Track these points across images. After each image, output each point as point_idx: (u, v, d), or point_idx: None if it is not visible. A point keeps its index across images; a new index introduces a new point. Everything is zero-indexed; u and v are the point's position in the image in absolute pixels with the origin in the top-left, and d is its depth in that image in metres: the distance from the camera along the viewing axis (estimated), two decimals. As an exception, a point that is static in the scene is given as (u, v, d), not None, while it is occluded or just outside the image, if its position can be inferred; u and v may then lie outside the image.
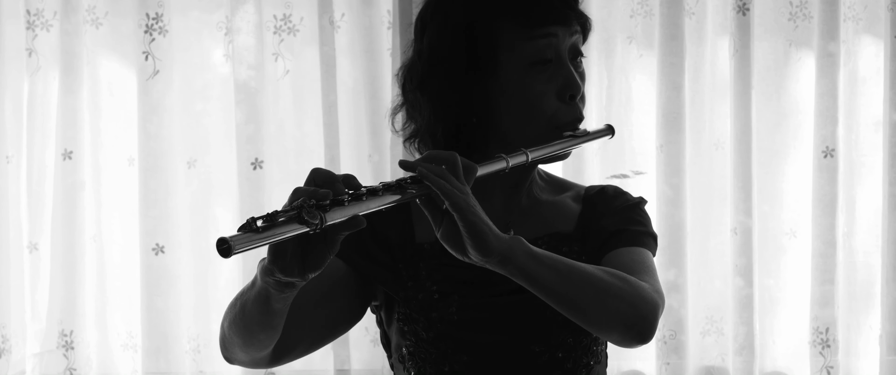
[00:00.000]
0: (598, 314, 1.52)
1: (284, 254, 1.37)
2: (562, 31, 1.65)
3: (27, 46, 3.25)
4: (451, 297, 1.66)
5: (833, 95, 3.23)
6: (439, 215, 1.47)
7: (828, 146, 3.24)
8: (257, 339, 1.54)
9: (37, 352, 3.31)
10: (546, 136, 1.65)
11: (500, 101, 1.65)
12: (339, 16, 3.25)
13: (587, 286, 1.52)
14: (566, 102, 1.66)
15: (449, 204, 1.43)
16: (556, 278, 1.50)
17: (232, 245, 1.27)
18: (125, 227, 3.30)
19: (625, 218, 1.73)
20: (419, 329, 1.67)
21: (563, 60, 1.66)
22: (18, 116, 3.27)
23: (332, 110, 3.22)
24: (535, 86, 1.65)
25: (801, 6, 3.27)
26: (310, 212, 1.32)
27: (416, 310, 1.67)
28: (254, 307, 1.49)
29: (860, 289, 3.31)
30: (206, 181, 3.30)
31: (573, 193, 1.78)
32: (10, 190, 3.26)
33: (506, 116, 1.66)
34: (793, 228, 3.31)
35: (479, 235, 1.44)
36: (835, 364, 3.27)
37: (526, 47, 1.64)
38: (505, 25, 1.64)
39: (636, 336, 1.55)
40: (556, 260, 1.51)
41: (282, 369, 3.27)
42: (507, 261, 1.47)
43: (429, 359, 1.68)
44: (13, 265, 3.27)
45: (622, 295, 1.53)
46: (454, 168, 1.46)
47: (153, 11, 3.21)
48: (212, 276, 3.30)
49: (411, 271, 1.68)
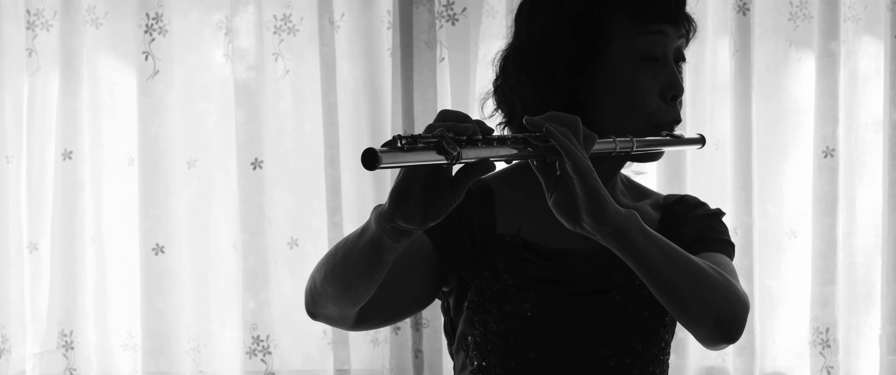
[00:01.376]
0: (696, 304, 1.51)
1: (409, 198, 1.34)
2: (672, 30, 1.67)
3: (27, 46, 3.25)
4: (527, 292, 1.65)
5: (833, 95, 3.23)
6: (553, 181, 1.45)
7: (828, 146, 3.24)
8: (356, 291, 1.51)
9: (37, 352, 3.31)
10: (645, 133, 1.64)
11: (603, 93, 1.65)
12: (339, 16, 3.25)
13: (691, 274, 1.50)
14: (668, 103, 1.67)
15: (571, 166, 1.41)
16: (663, 260, 1.48)
17: (380, 158, 1.23)
18: (125, 227, 3.30)
19: (705, 226, 1.73)
20: (490, 321, 1.66)
21: (669, 60, 1.67)
22: (18, 116, 3.27)
23: (332, 111, 3.22)
24: (641, 81, 1.65)
25: (801, 6, 3.27)
26: (449, 143, 1.29)
27: (489, 301, 1.65)
28: (361, 256, 1.45)
29: (860, 289, 3.31)
30: (206, 181, 3.30)
31: (652, 200, 1.78)
32: (10, 190, 3.26)
33: (607, 110, 1.65)
34: (793, 228, 3.31)
35: (598, 200, 1.42)
36: (835, 364, 3.27)
37: (637, 42, 1.64)
38: (619, 17, 1.64)
39: (725, 334, 1.53)
40: (666, 243, 1.50)
41: (282, 369, 3.27)
42: (621, 233, 1.45)
43: (495, 352, 1.66)
44: (13, 265, 3.27)
45: (720, 290, 1.52)
46: (577, 132, 1.45)
47: (153, 12, 3.21)
48: (212, 276, 3.30)
49: (489, 261, 1.66)
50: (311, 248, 3.30)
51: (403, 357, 3.24)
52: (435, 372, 3.23)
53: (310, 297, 1.58)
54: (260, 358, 3.26)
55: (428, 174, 1.34)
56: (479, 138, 1.34)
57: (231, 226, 3.28)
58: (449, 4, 3.21)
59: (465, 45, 3.24)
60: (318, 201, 3.26)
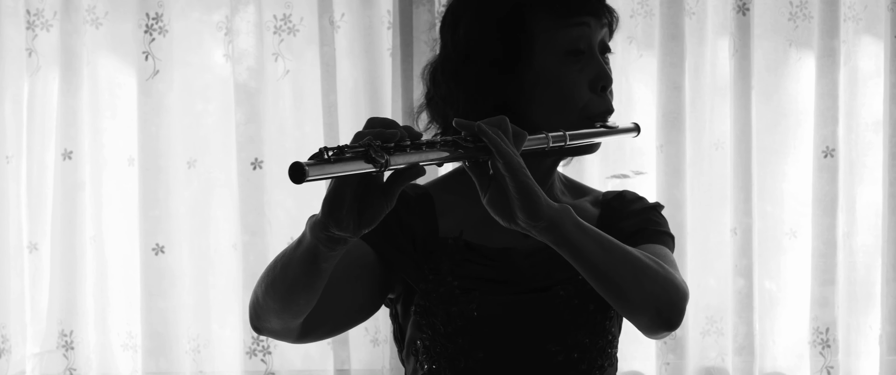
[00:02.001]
0: (634, 293, 1.53)
1: (342, 205, 1.37)
2: (594, 22, 1.68)
3: (27, 46, 3.25)
4: (472, 293, 1.66)
5: (833, 95, 3.23)
6: (486, 180, 1.47)
7: (828, 146, 3.24)
8: (296, 303, 1.52)
9: (37, 352, 3.31)
10: (577, 126, 1.65)
11: (533, 91, 1.67)
12: (339, 16, 3.25)
13: (628, 264, 1.52)
14: (598, 94, 1.68)
15: (502, 164, 1.43)
16: (599, 251, 1.50)
17: (307, 171, 1.25)
18: (125, 227, 3.30)
19: (643, 219, 1.74)
20: (437, 323, 1.67)
21: (594, 51, 1.68)
22: (18, 116, 3.27)
23: (332, 111, 3.22)
24: (569, 76, 1.66)
25: (801, 6, 3.27)
26: (377, 151, 1.30)
27: (435, 304, 1.66)
28: (299, 267, 1.46)
29: (860, 289, 3.31)
30: (206, 181, 3.30)
31: (592, 197, 1.79)
32: (10, 190, 3.26)
33: (538, 107, 1.67)
34: (793, 228, 3.31)
35: (530, 197, 1.44)
36: (835, 364, 3.27)
37: (560, 36, 1.66)
38: (539, 15, 1.66)
39: (665, 322, 1.56)
40: (601, 235, 1.51)
41: (282, 369, 3.27)
42: (555, 228, 1.47)
43: (444, 354, 1.67)
44: (13, 265, 3.27)
45: (657, 279, 1.55)
46: (506, 131, 1.47)
47: (153, 12, 3.21)
48: (212, 276, 3.30)
49: (433, 264, 1.68)
50: (311, 248, 3.29)
51: (403, 357, 3.24)
52: (435, 372, 3.23)
53: (253, 311, 1.58)
54: (260, 358, 3.26)
55: (359, 182, 1.36)
56: (407, 144, 1.35)
57: (231, 226, 3.28)
58: (449, 4, 3.21)
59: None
60: (318, 201, 3.22)
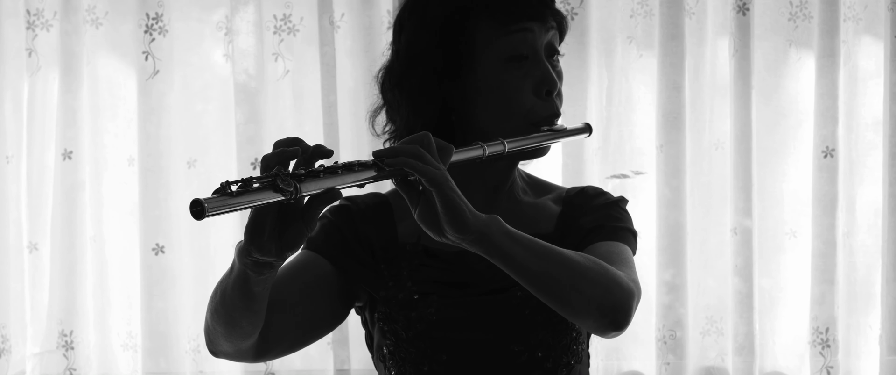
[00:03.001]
0: (573, 298, 1.51)
1: (261, 232, 1.38)
2: (537, 26, 1.66)
3: (27, 46, 3.25)
4: (431, 297, 1.67)
5: (833, 95, 3.23)
6: (416, 195, 1.47)
7: (828, 146, 3.24)
8: (239, 327, 1.54)
9: (37, 352, 3.31)
10: (523, 132, 1.65)
11: (477, 98, 1.66)
12: (339, 16, 3.25)
13: (563, 269, 1.51)
14: (542, 98, 1.67)
15: (425, 180, 1.43)
16: (532, 258, 1.49)
17: (206, 208, 1.26)
18: (125, 227, 3.30)
19: (603, 215, 1.72)
20: (399, 329, 1.68)
21: (538, 56, 1.67)
22: (18, 116, 3.27)
23: (332, 110, 3.22)
24: (512, 82, 1.66)
25: (801, 6, 3.27)
26: (284, 180, 1.30)
27: (395, 310, 1.68)
28: (234, 293, 1.49)
29: (860, 289, 3.31)
30: (206, 181, 3.29)
31: (554, 195, 1.78)
32: (10, 190, 3.26)
33: (483, 113, 1.66)
34: (793, 228, 3.31)
35: (455, 210, 1.44)
36: (835, 364, 3.27)
37: (501, 43, 1.65)
38: (480, 22, 1.65)
39: (610, 323, 1.53)
40: (533, 242, 1.50)
41: (282, 369, 3.27)
42: (484, 238, 1.46)
43: (408, 359, 1.68)
44: (13, 265, 3.27)
45: (598, 281, 1.52)
46: (428, 147, 1.46)
47: (153, 11, 3.21)
48: (212, 276, 3.30)
49: (393, 270, 1.69)
50: (311, 248, 3.30)
51: (403, 357, 3.24)
52: (435, 372, 3.23)
53: (206, 336, 1.61)
54: (260, 358, 3.25)
55: (277, 208, 1.36)
56: (320, 170, 1.35)
57: (231, 226, 3.28)
58: (449, 4, 3.21)
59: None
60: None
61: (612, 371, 3.31)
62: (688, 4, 3.23)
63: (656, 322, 3.25)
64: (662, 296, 3.24)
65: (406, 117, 1.68)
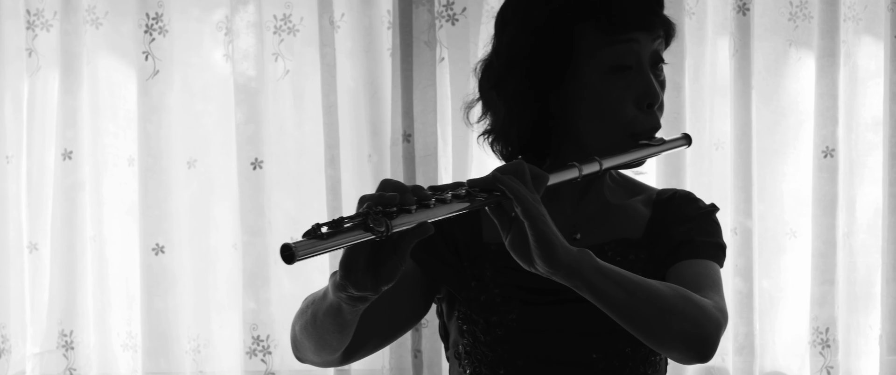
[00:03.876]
0: (661, 332, 1.51)
1: (356, 268, 1.36)
2: (644, 36, 1.64)
3: (27, 46, 3.25)
4: (513, 302, 1.65)
5: (833, 95, 3.23)
6: (507, 222, 1.45)
7: (828, 146, 3.24)
8: (329, 345, 1.54)
9: (37, 352, 3.31)
10: (621, 143, 1.63)
11: (577, 105, 1.63)
12: (339, 16, 3.25)
13: (652, 305, 1.49)
14: (643, 111, 1.64)
15: (520, 211, 1.41)
16: (621, 294, 1.47)
17: (296, 252, 1.24)
18: (125, 227, 3.30)
19: (694, 227, 1.69)
20: (478, 331, 1.66)
21: (642, 67, 1.64)
22: (18, 116, 3.27)
23: (332, 110, 3.22)
24: (614, 92, 1.63)
25: (801, 6, 3.26)
26: (375, 219, 1.30)
27: (476, 312, 1.66)
28: (326, 319, 1.48)
29: (860, 289, 3.31)
30: (206, 181, 3.30)
31: (644, 196, 1.75)
32: (10, 190, 3.27)
33: (582, 121, 1.64)
34: (793, 228, 3.31)
35: (549, 245, 1.42)
36: (835, 364, 3.27)
37: (606, 53, 1.62)
38: (586, 30, 1.62)
39: (696, 355, 1.53)
40: (623, 276, 1.49)
41: (282, 369, 3.27)
42: (575, 274, 1.45)
43: (484, 361, 1.67)
44: (13, 265, 3.28)
45: (685, 315, 1.51)
46: (523, 177, 1.45)
47: (153, 11, 3.21)
48: (212, 276, 3.30)
49: (476, 271, 1.67)
50: (311, 248, 3.29)
51: (403, 357, 3.24)
52: (434, 372, 3.24)
53: (293, 345, 1.61)
54: (260, 358, 3.26)
55: (371, 244, 1.34)
56: (411, 207, 1.34)
57: (231, 226, 3.28)
58: (449, 4, 3.21)
59: (465, 45, 3.24)
60: (318, 201, 3.26)
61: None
62: (688, 4, 3.23)
63: (656, 322, 3.24)
64: (662, 296, 3.24)
65: (502, 119, 1.66)
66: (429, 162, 3.21)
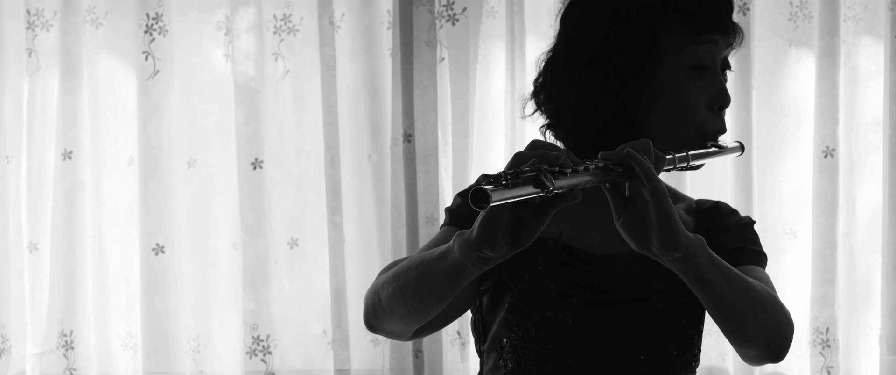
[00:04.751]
0: (751, 328, 1.52)
1: (498, 228, 1.35)
2: (722, 39, 1.67)
3: (27, 46, 3.25)
4: (570, 299, 1.65)
5: (833, 95, 3.23)
6: (621, 202, 1.44)
7: (828, 146, 3.24)
8: (427, 311, 1.52)
9: (37, 352, 3.31)
10: (691, 142, 1.64)
11: (654, 102, 1.64)
12: (339, 16, 3.25)
13: (749, 299, 1.51)
14: (715, 112, 1.67)
15: (649, 190, 1.41)
16: (725, 285, 1.48)
17: (491, 195, 1.25)
18: (125, 227, 3.30)
19: (742, 237, 1.72)
20: (530, 325, 1.65)
21: (717, 70, 1.67)
22: (18, 116, 3.27)
23: (332, 110, 3.22)
24: (691, 91, 1.65)
25: (801, 6, 3.27)
26: (546, 176, 1.30)
27: (530, 306, 1.65)
28: (440, 280, 1.45)
29: (860, 289, 3.31)
30: (206, 181, 3.30)
31: (685, 205, 1.77)
32: (10, 190, 3.27)
33: (656, 118, 1.65)
34: (793, 228, 3.31)
35: (671, 226, 1.42)
36: (835, 364, 3.27)
37: (689, 51, 1.64)
38: (671, 26, 1.64)
39: (772, 356, 1.55)
40: (728, 268, 1.49)
41: (282, 369, 3.27)
42: (688, 259, 1.45)
43: (532, 356, 1.66)
44: (13, 265, 3.28)
45: (773, 313, 1.53)
46: (650, 155, 1.45)
47: (153, 11, 3.21)
48: (212, 276, 3.30)
49: (530, 264, 1.66)
50: (311, 248, 3.30)
51: (403, 356, 3.24)
52: (435, 372, 3.23)
53: (372, 311, 1.58)
54: (260, 358, 3.26)
55: (516, 205, 1.34)
56: (568, 170, 1.35)
57: (231, 226, 3.28)
58: (449, 4, 3.21)
59: (465, 45, 3.24)
60: (318, 201, 3.26)
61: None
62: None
63: (656, 322, 3.25)
64: (662, 296, 3.24)
65: (581, 112, 1.65)
66: (429, 162, 3.21)
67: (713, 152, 1.66)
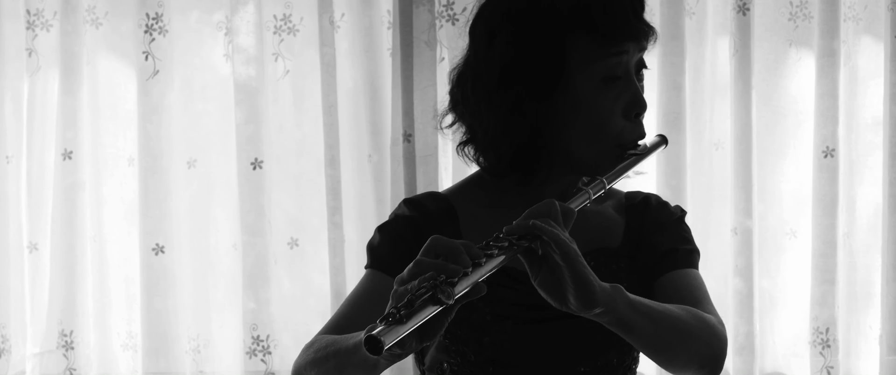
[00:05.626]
0: (682, 357, 1.54)
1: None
2: (633, 46, 1.64)
3: (27, 46, 3.25)
4: (506, 321, 1.65)
5: (833, 95, 3.23)
6: (536, 263, 1.44)
7: (828, 146, 3.24)
8: None
9: (37, 352, 3.31)
10: (610, 153, 1.63)
11: (568, 118, 1.63)
12: (339, 16, 3.25)
13: (675, 331, 1.52)
14: (631, 121, 1.65)
15: (560, 255, 1.41)
16: (650, 326, 1.49)
17: (383, 342, 1.27)
18: (125, 227, 3.30)
19: (675, 236, 1.72)
20: (468, 351, 1.66)
21: (631, 78, 1.64)
22: (18, 116, 3.27)
23: (332, 111, 3.22)
24: (605, 104, 1.63)
25: (801, 6, 3.26)
26: (444, 291, 1.32)
27: (466, 331, 1.65)
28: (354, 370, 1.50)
29: (860, 289, 3.31)
30: (206, 181, 3.30)
31: (614, 201, 1.76)
32: (10, 190, 3.27)
33: (572, 134, 1.63)
34: (793, 228, 3.31)
35: (587, 287, 1.42)
36: (835, 364, 3.27)
37: (599, 64, 1.62)
38: (579, 41, 1.61)
39: (708, 373, 1.57)
40: (650, 308, 1.50)
41: (282, 369, 3.27)
42: (609, 312, 1.45)
43: None
44: (13, 265, 3.27)
45: (701, 336, 1.55)
46: (556, 218, 1.44)
47: (153, 11, 3.21)
48: (212, 276, 3.30)
49: None
50: (310, 248, 3.30)
51: (403, 356, 3.24)
52: (435, 372, 3.23)
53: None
54: (260, 358, 3.26)
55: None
56: (468, 270, 1.35)
57: (231, 226, 3.28)
58: (449, 4, 3.21)
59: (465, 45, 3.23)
60: (318, 201, 3.26)
61: (612, 371, 3.31)
62: (688, 4, 3.23)
63: (656, 322, 3.24)
64: (662, 296, 3.24)
65: (493, 135, 1.64)
66: (429, 162, 3.21)
67: (633, 161, 1.64)
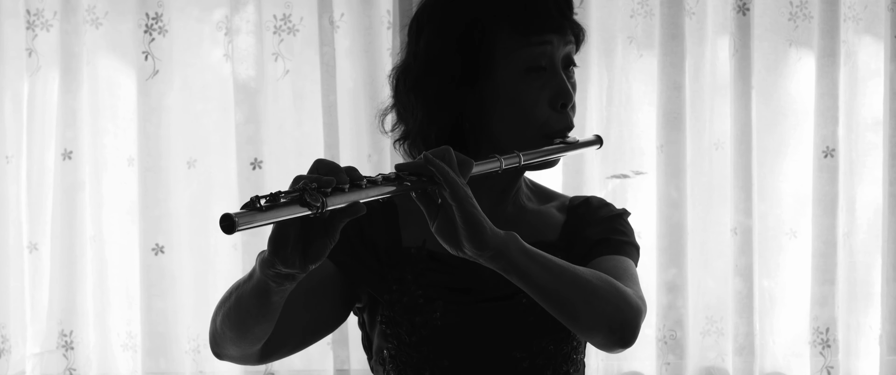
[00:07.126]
0: (585, 315, 1.53)
1: (286, 244, 1.38)
2: (557, 39, 1.67)
3: (27, 46, 3.26)
4: (436, 303, 1.67)
5: (833, 95, 3.23)
6: (434, 209, 1.47)
7: (828, 146, 3.24)
8: (252, 333, 1.55)
9: (37, 352, 3.31)
10: (537, 143, 1.66)
11: (492, 107, 1.66)
12: (339, 16, 3.25)
13: (576, 287, 1.52)
14: (557, 111, 1.68)
15: (449, 193, 1.44)
16: (547, 276, 1.50)
17: (236, 222, 1.27)
18: (125, 227, 3.30)
19: (608, 228, 1.74)
20: (402, 333, 1.68)
21: (556, 69, 1.68)
22: (18, 116, 3.27)
23: (332, 110, 3.22)
24: (529, 93, 1.66)
25: (801, 6, 3.27)
26: (312, 195, 1.32)
27: (399, 314, 1.68)
28: (251, 300, 1.49)
29: (860, 289, 3.31)
30: (206, 181, 3.30)
31: (558, 203, 1.79)
32: (10, 190, 3.27)
33: (498, 123, 1.67)
34: (793, 228, 3.31)
35: (476, 226, 1.45)
36: (835, 364, 3.27)
37: (521, 54, 1.65)
38: (500, 32, 1.65)
39: (618, 340, 1.56)
40: (548, 259, 1.52)
41: (282, 369, 3.27)
42: (501, 256, 1.47)
43: (410, 363, 1.68)
44: (13, 265, 3.28)
45: (609, 298, 1.54)
46: (450, 162, 1.47)
47: (153, 11, 3.21)
48: (212, 276, 3.30)
49: (397, 274, 1.69)
50: (310, 248, 3.30)
51: (403, 357, 3.24)
52: (435, 372, 3.23)
53: (212, 339, 1.62)
54: (260, 358, 3.25)
55: (301, 222, 1.36)
56: (344, 186, 1.36)
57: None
58: (449, 4, 3.21)
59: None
60: (319, 201, 3.25)
61: (612, 371, 3.31)
62: (688, 4, 3.23)
63: (656, 322, 3.25)
64: (662, 296, 3.25)
65: (420, 122, 1.69)
66: (429, 162, 3.21)
67: (558, 148, 1.67)
